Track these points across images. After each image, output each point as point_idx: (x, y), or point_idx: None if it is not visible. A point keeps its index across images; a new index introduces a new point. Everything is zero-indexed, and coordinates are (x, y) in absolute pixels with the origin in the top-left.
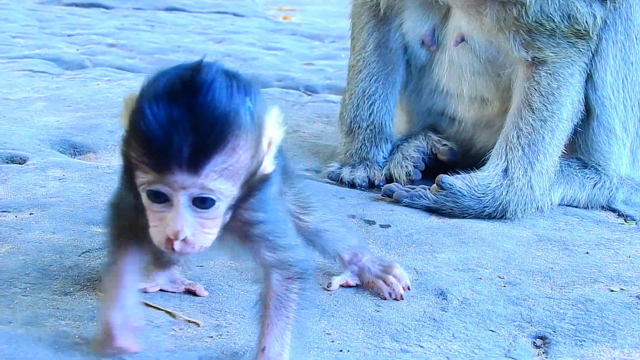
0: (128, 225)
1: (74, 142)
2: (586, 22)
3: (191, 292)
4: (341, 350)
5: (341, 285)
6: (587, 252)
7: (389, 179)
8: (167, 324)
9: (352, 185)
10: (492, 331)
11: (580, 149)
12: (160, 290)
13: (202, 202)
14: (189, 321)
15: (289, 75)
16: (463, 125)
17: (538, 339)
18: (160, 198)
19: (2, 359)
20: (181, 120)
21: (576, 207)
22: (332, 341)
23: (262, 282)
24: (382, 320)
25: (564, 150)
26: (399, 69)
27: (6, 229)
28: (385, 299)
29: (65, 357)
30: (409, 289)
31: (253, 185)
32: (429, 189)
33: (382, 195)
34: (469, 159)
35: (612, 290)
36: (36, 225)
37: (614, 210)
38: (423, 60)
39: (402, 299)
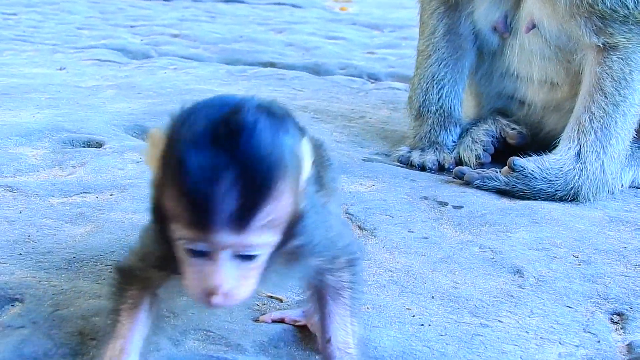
0: (150, 276)
1: (147, 127)
2: None
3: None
4: (422, 325)
5: (274, 320)
6: None
7: (459, 162)
8: (251, 299)
9: (422, 168)
10: (570, 307)
11: None
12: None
13: (246, 257)
14: (271, 297)
15: (352, 64)
16: (532, 109)
17: (615, 315)
18: (200, 254)
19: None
20: (226, 171)
21: None
22: (413, 316)
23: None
24: (460, 297)
25: (634, 134)
26: (469, 54)
27: (89, 209)
28: None
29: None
30: None
31: (292, 225)
32: (500, 171)
33: (453, 178)
34: (538, 142)
35: None
36: (117, 205)
37: None
38: (494, 45)
39: None
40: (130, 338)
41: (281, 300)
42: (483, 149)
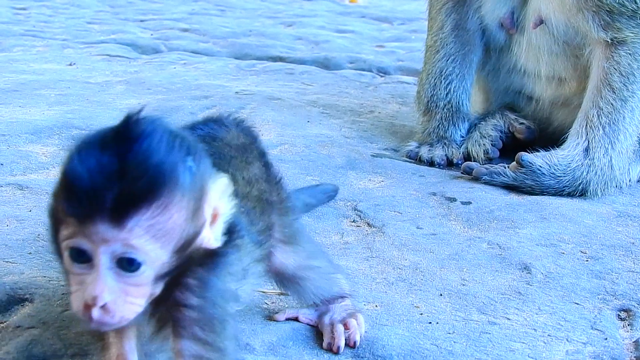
0: None
1: None
2: None
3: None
4: (430, 322)
5: (288, 318)
6: None
7: (467, 157)
8: (259, 297)
9: (430, 163)
10: (577, 304)
11: None
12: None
13: (127, 264)
14: (281, 294)
15: (361, 58)
16: (540, 104)
17: (622, 312)
18: (81, 257)
19: None
20: (109, 165)
21: None
22: (421, 314)
23: None
24: (468, 294)
25: None
26: (476, 50)
27: None
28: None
29: None
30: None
31: (192, 258)
32: (508, 166)
33: (461, 173)
34: (546, 137)
35: None
36: None
37: None
38: (501, 41)
39: (338, 353)
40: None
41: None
42: (491, 144)
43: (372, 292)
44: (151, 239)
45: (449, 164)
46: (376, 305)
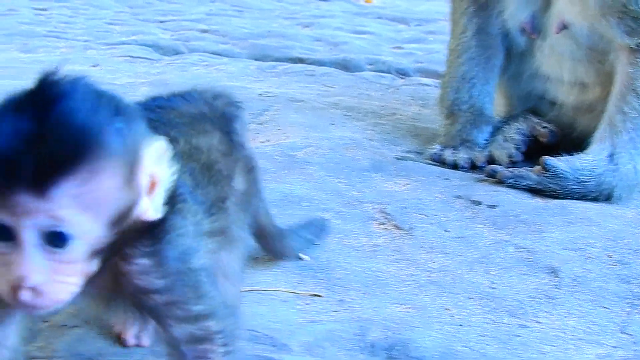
0: None
1: None
2: None
3: None
4: (461, 325)
5: None
6: None
7: (490, 160)
8: (293, 298)
9: (454, 166)
10: (606, 308)
11: None
12: None
13: (56, 239)
14: (314, 295)
15: (380, 59)
16: (563, 110)
17: None
18: (2, 235)
19: None
20: (26, 129)
21: None
22: (452, 316)
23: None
24: (497, 297)
25: None
26: (499, 54)
27: None
28: None
29: None
30: None
31: (131, 230)
32: (533, 170)
33: (485, 176)
34: (569, 142)
35: None
36: None
37: None
38: (523, 46)
39: None
40: None
41: (321, 296)
42: (515, 148)
43: (402, 295)
44: (80, 209)
45: (473, 167)
46: (408, 307)
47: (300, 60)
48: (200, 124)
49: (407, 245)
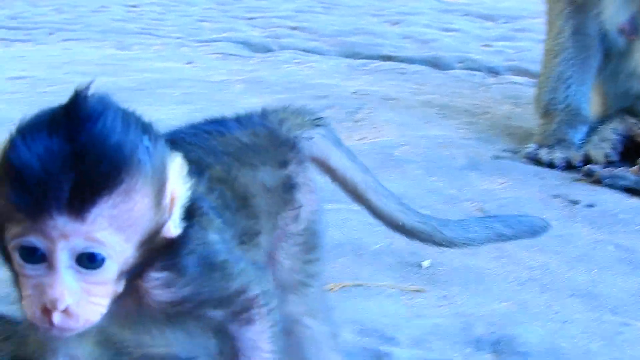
0: None
1: None
2: None
3: None
4: (565, 322)
5: None
6: None
7: (586, 160)
8: (397, 293)
9: (550, 165)
10: None
11: None
12: None
13: (89, 260)
14: (417, 290)
15: (470, 57)
16: None
17: None
18: (34, 256)
19: None
20: (61, 150)
21: None
22: (556, 313)
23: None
24: (599, 295)
25: None
26: (596, 55)
27: None
28: None
29: None
30: None
31: (155, 250)
32: (630, 170)
33: (582, 176)
34: None
35: None
36: None
37: None
38: (621, 46)
39: None
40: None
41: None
42: (611, 147)
43: (505, 291)
44: (115, 230)
45: (569, 166)
46: (511, 304)
47: (390, 58)
48: (247, 156)
49: (507, 243)
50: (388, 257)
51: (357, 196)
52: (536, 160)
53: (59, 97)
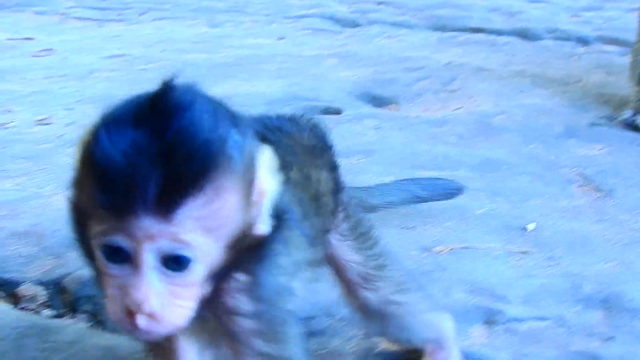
0: None
1: (375, 95)
2: None
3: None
4: None
5: None
6: None
7: None
8: (504, 255)
9: None
10: None
11: None
12: None
13: (175, 262)
14: (524, 252)
15: (559, 28)
16: None
17: None
18: (119, 256)
19: None
20: (149, 145)
21: None
22: None
23: None
24: None
25: None
26: None
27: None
28: None
29: None
30: None
31: (243, 252)
32: None
33: None
34: None
35: None
36: (367, 169)
37: None
38: None
39: None
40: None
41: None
42: None
43: (608, 252)
44: (203, 231)
45: None
46: (616, 264)
47: (479, 30)
48: (312, 156)
49: (608, 206)
50: (493, 220)
51: None
52: (633, 127)
53: (158, 74)
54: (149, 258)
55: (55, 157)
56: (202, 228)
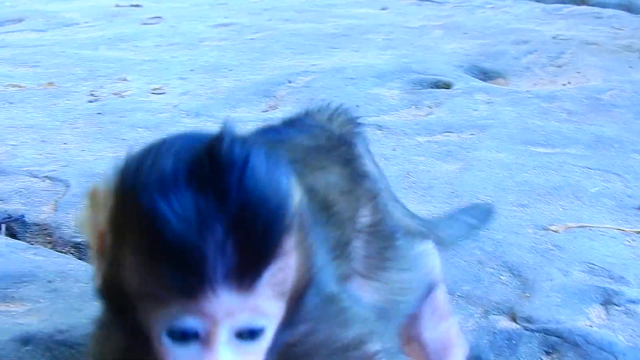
0: None
1: (484, 68)
2: None
3: None
4: None
5: None
6: None
7: None
8: (621, 234)
9: None
10: None
11: None
12: None
13: (250, 334)
14: (638, 232)
15: None
16: None
17: None
18: (188, 338)
19: None
20: (216, 212)
21: None
22: None
23: None
24: None
25: None
26: None
27: (454, 147)
28: None
29: None
30: None
31: (300, 296)
32: None
33: None
34: None
35: None
36: (480, 144)
37: None
38: None
39: None
40: None
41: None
42: None
43: None
44: (277, 295)
45: None
46: None
47: (583, 2)
48: (315, 159)
49: None
50: (607, 199)
51: None
52: None
53: (267, 43)
54: (224, 335)
55: (173, 126)
56: (277, 293)
